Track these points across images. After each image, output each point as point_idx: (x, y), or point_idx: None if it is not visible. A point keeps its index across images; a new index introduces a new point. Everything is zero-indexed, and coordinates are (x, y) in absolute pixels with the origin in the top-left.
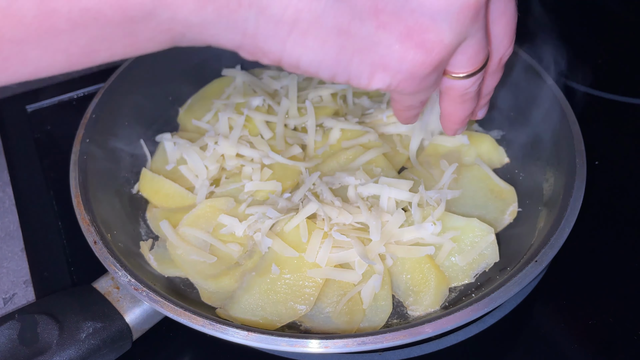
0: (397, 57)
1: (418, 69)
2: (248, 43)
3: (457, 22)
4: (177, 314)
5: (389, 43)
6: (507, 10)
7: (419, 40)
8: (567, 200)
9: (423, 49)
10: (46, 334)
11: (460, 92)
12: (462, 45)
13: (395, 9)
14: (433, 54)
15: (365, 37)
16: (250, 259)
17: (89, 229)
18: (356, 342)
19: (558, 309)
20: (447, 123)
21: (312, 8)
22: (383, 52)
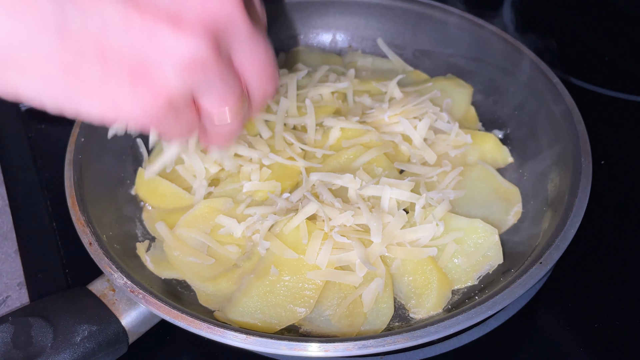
0: (127, 97)
1: (148, 107)
2: None
3: (183, 71)
4: (174, 317)
5: (118, 84)
6: (255, 58)
7: (145, 80)
8: (572, 200)
9: (150, 88)
10: (40, 337)
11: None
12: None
13: (123, 54)
14: (161, 95)
15: (93, 78)
16: (248, 261)
17: (84, 230)
18: (357, 346)
19: (563, 312)
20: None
21: (31, 45)
22: (113, 93)
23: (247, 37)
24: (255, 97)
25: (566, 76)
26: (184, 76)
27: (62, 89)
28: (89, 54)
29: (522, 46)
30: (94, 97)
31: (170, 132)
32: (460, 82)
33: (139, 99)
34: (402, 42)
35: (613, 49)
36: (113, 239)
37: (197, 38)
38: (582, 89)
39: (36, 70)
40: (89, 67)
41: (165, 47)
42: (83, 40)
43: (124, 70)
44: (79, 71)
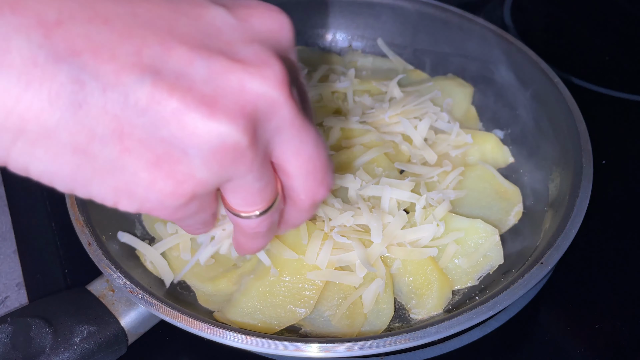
0: (144, 185)
1: (168, 199)
2: None
3: (211, 161)
4: (174, 318)
5: (135, 170)
6: (301, 151)
7: (168, 170)
8: (573, 201)
9: (173, 180)
10: (39, 338)
11: (246, 230)
12: (230, 186)
13: (144, 137)
14: (184, 186)
15: (107, 160)
16: (248, 261)
17: (83, 230)
18: (357, 347)
19: (564, 312)
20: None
21: (41, 120)
22: (128, 179)
23: (293, 129)
24: (298, 202)
25: (567, 75)
26: (212, 167)
27: (71, 169)
28: (105, 134)
29: (522, 45)
30: (107, 181)
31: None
32: (460, 81)
33: (159, 189)
34: (403, 41)
35: (614, 48)
36: (112, 239)
37: (231, 123)
38: (583, 89)
39: (44, 147)
40: (103, 148)
41: (193, 132)
42: (99, 118)
43: (143, 155)
44: (91, 152)
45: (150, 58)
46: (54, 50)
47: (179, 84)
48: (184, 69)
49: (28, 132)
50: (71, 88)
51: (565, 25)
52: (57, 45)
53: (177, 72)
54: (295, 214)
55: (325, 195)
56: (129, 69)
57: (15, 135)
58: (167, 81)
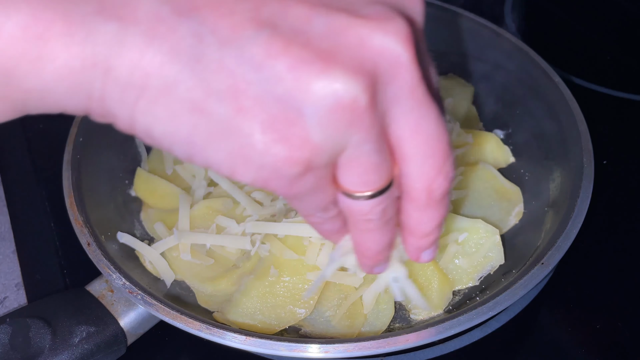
0: (259, 149)
1: (282, 165)
2: (96, 107)
3: (328, 121)
4: (173, 318)
5: (250, 131)
6: (420, 129)
7: (283, 133)
8: (574, 201)
9: (288, 144)
10: (38, 338)
11: (360, 217)
12: (345, 157)
13: (259, 94)
14: (299, 151)
15: (222, 120)
16: (248, 262)
17: (83, 230)
18: (357, 347)
19: (565, 313)
20: (357, 255)
21: (162, 74)
22: (243, 141)
23: (413, 97)
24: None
25: (568, 75)
26: (327, 129)
27: (188, 130)
28: (221, 89)
29: (523, 45)
30: (222, 145)
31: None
32: (461, 81)
33: (273, 154)
34: None
35: (615, 48)
36: (112, 239)
37: (349, 79)
38: (584, 88)
39: (164, 104)
40: (219, 106)
41: (309, 89)
42: (216, 73)
43: (258, 115)
44: (207, 110)
45: (268, 14)
46: (176, 6)
47: (295, 39)
48: (301, 26)
49: (150, 87)
50: (190, 42)
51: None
52: (179, 1)
53: (294, 28)
54: (413, 212)
55: (444, 188)
56: (246, 24)
57: (139, 91)
58: (284, 37)
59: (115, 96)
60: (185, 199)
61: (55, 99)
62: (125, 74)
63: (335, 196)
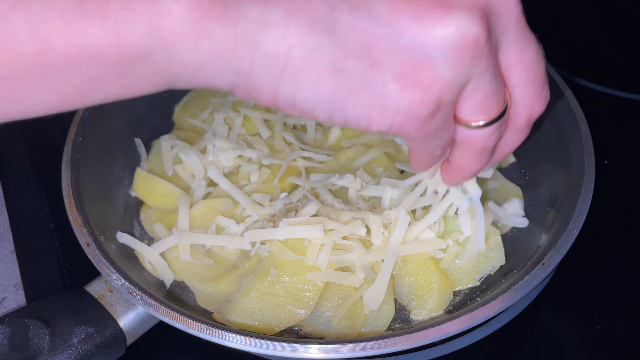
0: (395, 96)
1: (417, 107)
2: (242, 82)
3: (454, 58)
4: (173, 318)
5: (384, 81)
6: (524, 56)
7: (415, 77)
8: (575, 201)
9: (420, 86)
10: (37, 339)
11: (476, 145)
12: (468, 89)
13: (389, 46)
14: (431, 91)
15: (359, 76)
16: (248, 262)
17: (82, 230)
18: (357, 348)
19: (566, 313)
20: (452, 174)
21: (304, 43)
22: (379, 92)
23: (518, 28)
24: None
25: (569, 75)
26: (454, 66)
27: (330, 91)
28: (355, 48)
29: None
30: (362, 98)
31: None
32: None
33: (408, 98)
34: None
35: (617, 48)
36: (111, 239)
37: (468, 17)
38: (584, 88)
39: (307, 71)
40: (355, 63)
41: (433, 33)
42: (350, 35)
43: (390, 66)
44: (346, 69)
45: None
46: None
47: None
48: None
49: (294, 58)
50: (324, 11)
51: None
52: None
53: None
54: (510, 134)
55: (542, 111)
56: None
57: (284, 63)
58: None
59: (262, 70)
60: (185, 199)
61: (207, 74)
62: (271, 49)
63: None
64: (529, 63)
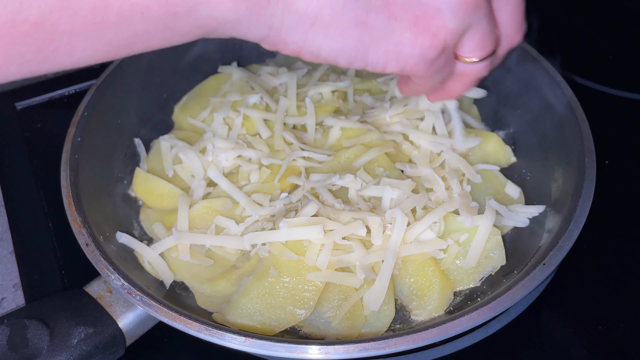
0: (408, 43)
1: (426, 51)
2: (273, 35)
3: (459, 10)
4: (172, 319)
5: (401, 31)
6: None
7: (425, 26)
8: (576, 201)
9: (429, 33)
10: (36, 339)
11: (471, 76)
12: (469, 32)
13: (404, 1)
14: (439, 37)
15: (380, 28)
16: (247, 262)
17: (81, 230)
18: (358, 348)
19: (566, 314)
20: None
21: (332, 2)
22: (396, 40)
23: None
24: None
25: (570, 74)
26: (459, 16)
27: (354, 41)
28: (377, 5)
29: (525, 44)
30: (381, 46)
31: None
32: None
33: (420, 44)
34: None
35: (617, 47)
36: (110, 239)
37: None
38: (585, 88)
39: (334, 26)
40: (377, 17)
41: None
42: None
43: (405, 18)
44: (368, 22)
45: None
46: None
47: None
48: None
49: (323, 15)
50: None
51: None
52: None
53: None
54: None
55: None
56: None
57: (313, 19)
58: None
59: (292, 25)
60: (184, 199)
61: (242, 28)
62: (302, 7)
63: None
64: (513, 5)
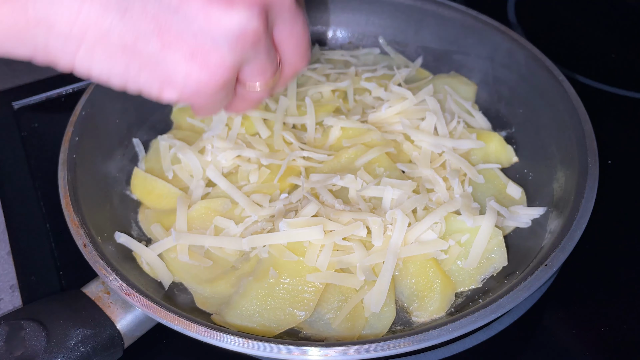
0: (183, 75)
1: (203, 87)
2: (40, 55)
3: (237, 46)
4: (171, 320)
5: (175, 62)
6: (293, 32)
7: (202, 61)
8: (578, 201)
9: (207, 69)
10: (34, 341)
11: (252, 98)
12: (248, 64)
13: (179, 31)
14: (217, 75)
15: (151, 55)
16: (247, 263)
17: (79, 231)
18: (358, 350)
19: (569, 315)
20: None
21: (97, 25)
22: (169, 70)
23: (290, 13)
24: (287, 71)
25: (572, 73)
26: (237, 52)
27: (123, 66)
28: (147, 31)
29: (527, 43)
30: (154, 73)
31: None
32: (463, 79)
33: (196, 78)
34: (404, 38)
35: (620, 46)
36: (108, 240)
37: (249, 12)
38: (588, 87)
39: (101, 49)
40: (147, 45)
41: (219, 23)
42: (141, 19)
43: (180, 49)
44: (137, 48)
45: None
46: None
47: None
48: None
49: (88, 38)
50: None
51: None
52: None
53: None
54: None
55: (305, 66)
56: None
57: (78, 42)
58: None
59: (58, 46)
60: (183, 200)
61: (6, 47)
62: (65, 29)
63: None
64: (297, 37)
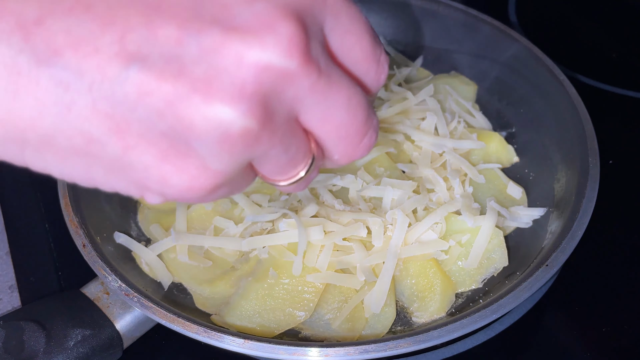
0: (157, 181)
1: (187, 192)
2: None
3: (220, 151)
4: (170, 321)
5: (145, 166)
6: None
7: (179, 165)
8: (579, 201)
9: (186, 175)
10: (32, 341)
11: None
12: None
13: (143, 131)
14: (200, 180)
15: (113, 159)
16: (246, 263)
17: (78, 231)
18: (358, 351)
19: (570, 316)
20: None
21: (36, 129)
22: (141, 175)
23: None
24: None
25: (573, 73)
26: (223, 158)
27: (83, 169)
28: (101, 133)
29: (528, 43)
30: (121, 175)
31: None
32: (464, 79)
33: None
34: (405, 38)
35: (621, 46)
36: (107, 240)
37: (231, 108)
38: (589, 87)
39: (50, 152)
40: (104, 148)
41: (191, 123)
42: (91, 118)
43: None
44: (92, 152)
45: (134, 44)
46: (35, 54)
47: (168, 69)
48: (173, 50)
49: (30, 140)
50: (56, 92)
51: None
52: (37, 48)
53: (165, 55)
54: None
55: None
56: (112, 62)
57: (21, 144)
58: (155, 68)
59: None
60: None
61: None
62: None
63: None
64: (337, 124)
